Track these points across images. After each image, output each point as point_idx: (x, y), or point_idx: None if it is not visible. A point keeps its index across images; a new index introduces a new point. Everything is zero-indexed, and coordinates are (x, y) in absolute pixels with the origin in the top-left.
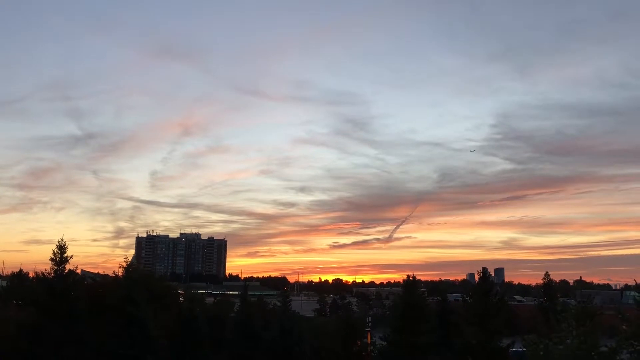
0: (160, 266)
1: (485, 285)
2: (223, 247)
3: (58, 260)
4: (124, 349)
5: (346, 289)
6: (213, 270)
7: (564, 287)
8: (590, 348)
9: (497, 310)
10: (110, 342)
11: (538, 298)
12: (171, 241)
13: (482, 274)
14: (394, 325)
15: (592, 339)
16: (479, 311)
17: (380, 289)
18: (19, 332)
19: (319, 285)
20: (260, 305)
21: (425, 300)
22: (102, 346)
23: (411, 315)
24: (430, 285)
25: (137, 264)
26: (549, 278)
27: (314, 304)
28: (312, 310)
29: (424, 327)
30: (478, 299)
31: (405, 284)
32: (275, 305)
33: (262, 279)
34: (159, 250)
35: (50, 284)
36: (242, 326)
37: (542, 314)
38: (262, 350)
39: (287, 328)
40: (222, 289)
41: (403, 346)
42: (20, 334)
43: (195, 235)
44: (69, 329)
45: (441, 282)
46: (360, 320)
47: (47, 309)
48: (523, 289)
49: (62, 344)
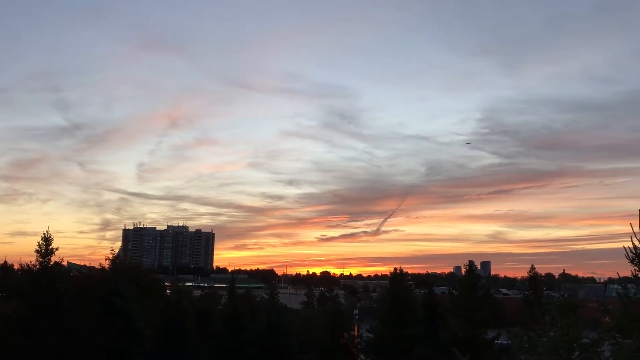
0: (148, 258)
1: (471, 278)
2: (211, 240)
3: (43, 252)
4: (111, 342)
5: (334, 281)
6: (200, 262)
7: (549, 281)
8: (573, 340)
9: (483, 303)
10: (97, 335)
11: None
12: (158, 233)
13: (468, 267)
14: (381, 318)
15: (575, 330)
16: (465, 304)
17: (367, 281)
18: (4, 324)
19: (307, 277)
20: (247, 297)
21: (412, 293)
22: (88, 339)
23: (398, 307)
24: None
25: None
26: (535, 271)
27: (301, 297)
28: (299, 303)
29: (411, 319)
30: (464, 292)
31: (393, 277)
32: (263, 297)
33: (250, 272)
34: (146, 243)
35: (35, 276)
36: (230, 319)
37: (527, 307)
38: (249, 343)
39: (274, 321)
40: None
41: (390, 338)
42: (5, 327)
43: (182, 227)
44: (55, 321)
45: (428, 275)
46: (347, 312)
47: (33, 302)
48: (509, 282)
49: (48, 337)
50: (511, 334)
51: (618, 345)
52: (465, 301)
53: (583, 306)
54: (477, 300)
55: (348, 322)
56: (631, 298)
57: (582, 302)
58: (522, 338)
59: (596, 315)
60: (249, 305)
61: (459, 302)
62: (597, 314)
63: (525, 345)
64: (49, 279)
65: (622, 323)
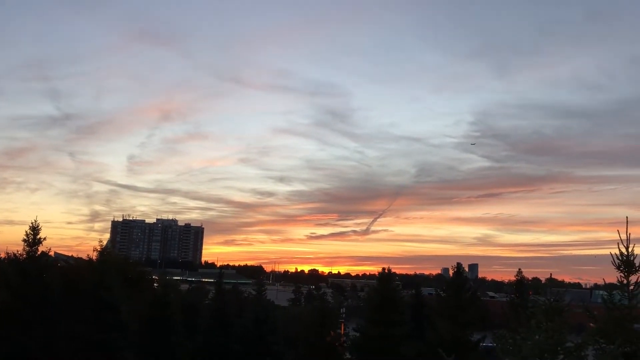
0: (136, 251)
1: (459, 280)
2: (200, 234)
3: (31, 241)
4: (96, 334)
5: (322, 279)
6: (189, 257)
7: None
8: (557, 343)
9: (470, 305)
10: (82, 326)
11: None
12: (147, 226)
13: (456, 269)
14: (367, 317)
15: (560, 334)
16: (452, 305)
17: (355, 280)
18: None
19: (295, 275)
20: (235, 293)
21: (400, 293)
22: (73, 330)
23: (385, 307)
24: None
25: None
26: (522, 275)
27: (289, 294)
28: (287, 300)
29: (398, 319)
30: (451, 294)
31: (380, 277)
32: (250, 293)
33: (238, 267)
34: (135, 235)
35: (22, 265)
36: (216, 314)
37: (513, 310)
38: (235, 338)
39: (261, 317)
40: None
41: (376, 337)
42: None
43: (172, 221)
44: (40, 311)
45: (416, 275)
46: (334, 310)
47: (18, 291)
48: (496, 285)
49: (31, 327)
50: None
51: (602, 350)
52: (452, 302)
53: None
54: (464, 302)
55: (335, 320)
56: (616, 304)
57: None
58: (507, 341)
59: (581, 320)
60: (236, 300)
61: (446, 304)
62: (582, 318)
63: (510, 347)
64: (36, 269)
65: (606, 328)
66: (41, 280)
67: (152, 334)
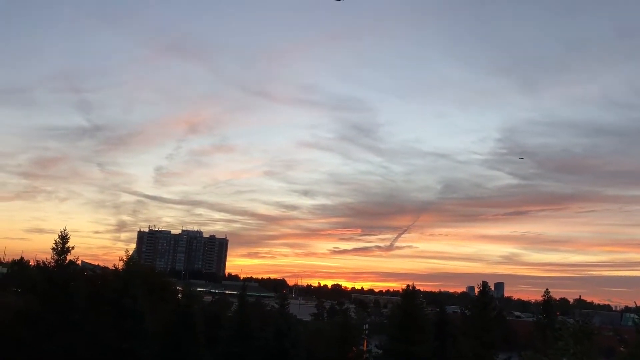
0: (161, 262)
1: (484, 299)
2: (224, 246)
3: (59, 250)
4: (119, 342)
5: (345, 295)
6: (213, 268)
7: (563, 305)
8: None
9: (495, 324)
10: (106, 334)
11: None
12: (172, 237)
13: (481, 287)
14: (391, 334)
15: (588, 358)
16: (476, 324)
17: (379, 296)
18: (16, 318)
19: (318, 289)
20: (258, 306)
21: (424, 310)
22: (96, 337)
23: (409, 324)
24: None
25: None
26: (549, 295)
27: (311, 308)
28: (309, 315)
29: (421, 337)
30: (476, 312)
31: (405, 294)
32: (273, 307)
33: (261, 280)
34: (160, 246)
35: (50, 273)
36: (239, 326)
37: (539, 331)
38: (257, 351)
39: (283, 330)
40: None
41: (399, 355)
42: (18, 320)
43: (197, 232)
44: (65, 318)
45: (440, 293)
46: (357, 326)
47: (46, 298)
48: (522, 305)
49: (55, 331)
50: (523, 358)
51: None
52: (477, 321)
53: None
54: (489, 322)
55: (358, 336)
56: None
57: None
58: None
59: (611, 343)
60: (258, 313)
61: (471, 322)
62: (612, 342)
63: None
64: (63, 277)
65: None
66: (68, 287)
67: (174, 343)
